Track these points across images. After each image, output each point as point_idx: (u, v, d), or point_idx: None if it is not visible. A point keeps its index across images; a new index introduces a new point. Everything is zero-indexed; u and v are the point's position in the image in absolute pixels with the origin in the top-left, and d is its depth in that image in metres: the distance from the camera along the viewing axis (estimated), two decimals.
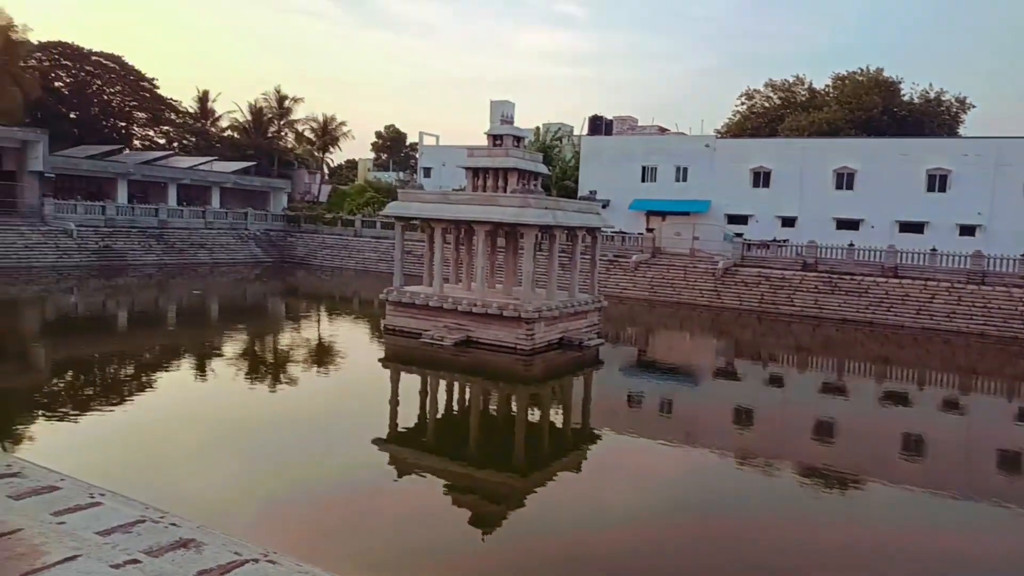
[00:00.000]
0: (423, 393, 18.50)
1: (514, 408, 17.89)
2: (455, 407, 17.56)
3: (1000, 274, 33.05)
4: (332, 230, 53.62)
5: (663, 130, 60.09)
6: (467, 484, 12.07)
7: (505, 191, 23.43)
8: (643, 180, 49.03)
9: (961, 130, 58.25)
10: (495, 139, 24.41)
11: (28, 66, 57.91)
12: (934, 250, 35.51)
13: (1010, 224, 38.25)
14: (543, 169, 25.98)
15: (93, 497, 6.28)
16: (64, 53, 66.76)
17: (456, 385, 19.49)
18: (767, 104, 65.81)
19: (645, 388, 21.22)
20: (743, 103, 67.05)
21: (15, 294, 31.43)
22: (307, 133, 76.14)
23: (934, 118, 57.85)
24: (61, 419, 14.38)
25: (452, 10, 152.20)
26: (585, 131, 59.17)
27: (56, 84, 65.02)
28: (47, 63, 64.47)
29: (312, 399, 17.46)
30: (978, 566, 10.09)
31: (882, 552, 10.09)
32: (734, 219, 45.37)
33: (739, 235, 42.09)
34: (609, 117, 61.80)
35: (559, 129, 60.53)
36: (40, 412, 14.76)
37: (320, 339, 26.55)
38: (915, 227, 40.72)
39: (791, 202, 44.25)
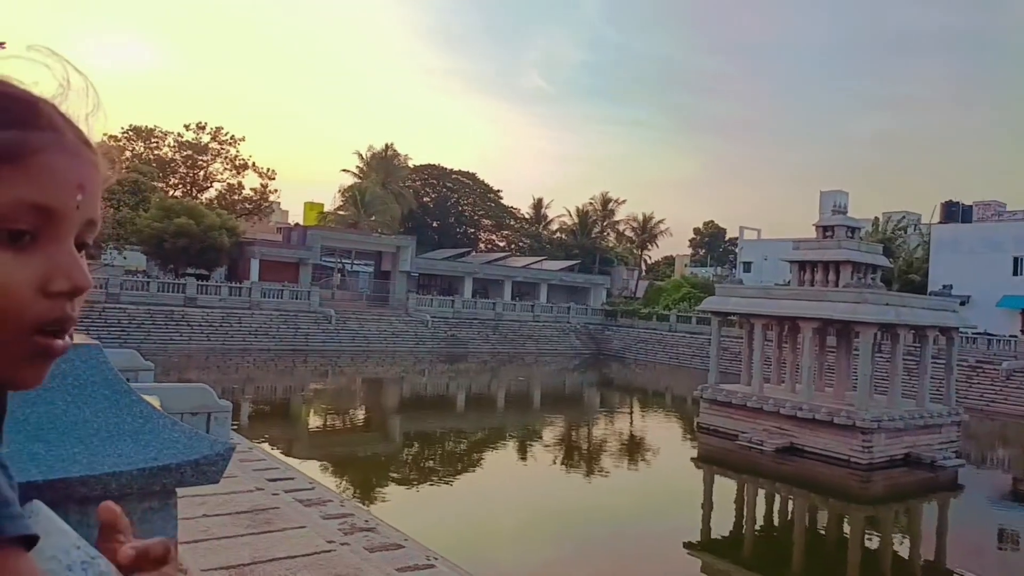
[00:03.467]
0: (739, 500, 17.26)
1: (847, 529, 15.74)
2: (775, 519, 16.05)
3: None
4: (647, 324, 54.34)
5: None
6: None
7: (836, 286, 21.58)
8: (1016, 273, 41.41)
9: None
10: (825, 230, 22.85)
11: (405, 186, 70.49)
12: None
13: None
14: (883, 261, 23.49)
15: (429, 560, 6.95)
16: (431, 173, 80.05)
17: (777, 496, 17.85)
18: None
19: (1022, 523, 17.16)
20: None
21: (381, 373, 37.21)
22: (627, 232, 79.66)
23: None
24: (406, 485, 16.36)
25: (773, 104, 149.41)
26: (936, 219, 52.40)
27: (424, 199, 77.91)
28: (419, 182, 77.78)
29: (624, 493, 17.39)
30: None
31: None
32: None
33: None
34: (968, 203, 54.04)
35: (903, 218, 54.56)
36: (391, 476, 16.99)
37: (632, 433, 26.61)
38: None
39: None
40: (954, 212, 52.07)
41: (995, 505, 18.91)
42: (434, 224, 78.51)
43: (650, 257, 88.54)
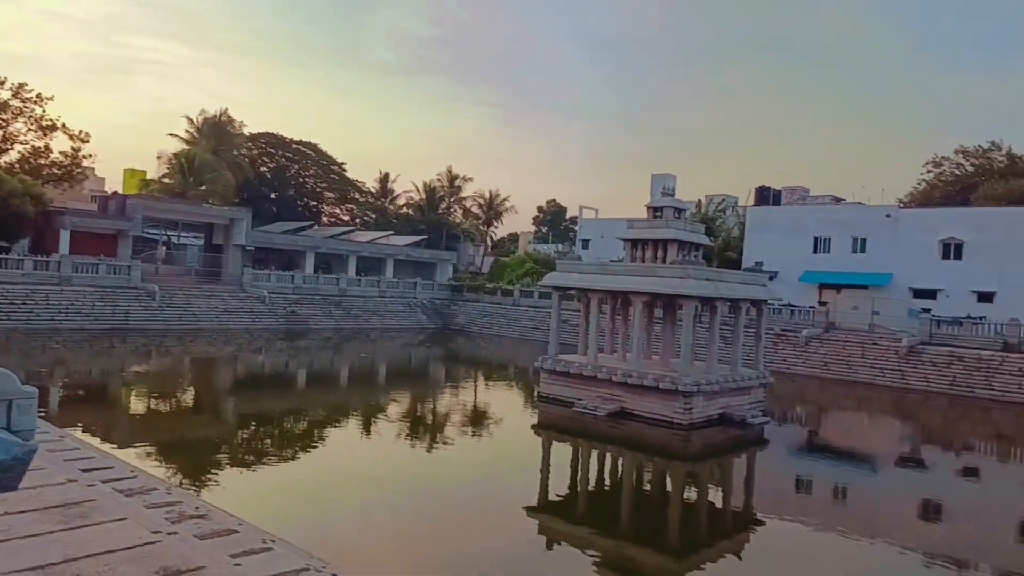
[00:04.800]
0: (575, 463, 18.26)
1: (670, 484, 17.15)
2: (607, 479, 17.14)
3: None
4: (492, 299, 55.40)
5: (837, 200, 56.95)
6: (619, 560, 11.63)
7: (664, 262, 23.18)
8: (815, 251, 46.49)
9: None
10: (655, 211, 24.38)
11: (240, 154, 66.37)
12: None
13: None
14: (705, 240, 25.46)
15: (266, 543, 6.78)
16: (270, 142, 75.95)
17: (609, 456, 19.08)
18: (958, 172, 60.65)
19: (816, 472, 19.54)
20: (929, 171, 62.33)
21: (212, 353, 35.17)
22: (474, 209, 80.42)
23: None
24: (241, 468, 15.69)
25: (617, 93, 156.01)
26: (751, 202, 57.46)
27: (261, 169, 73.80)
28: (255, 151, 73.53)
29: (466, 462, 17.79)
30: None
31: None
32: (920, 293, 41.55)
33: (926, 310, 38.42)
34: (778, 187, 59.75)
35: (723, 201, 59.31)
36: (224, 460, 16.22)
37: (476, 404, 27.17)
38: None
39: (988, 276, 39.89)
40: (766, 196, 57.43)
41: (794, 456, 21.35)
42: (272, 196, 74.76)
43: (496, 233, 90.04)
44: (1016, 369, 31.56)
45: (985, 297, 39.73)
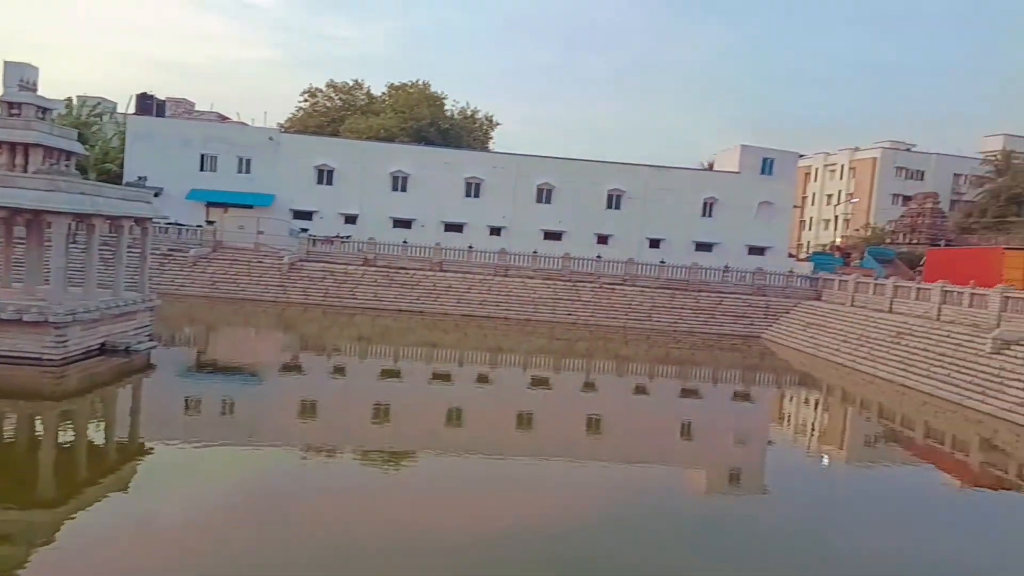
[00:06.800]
0: None
1: (40, 430, 15.14)
2: None
3: (518, 268, 39.93)
4: None
5: (223, 118, 57.09)
6: None
7: (25, 170, 19.55)
8: (202, 169, 45.80)
9: (491, 145, 68.22)
10: (11, 107, 20.19)
11: None
12: (471, 248, 41.08)
13: (526, 226, 46.25)
14: (78, 148, 22.44)
15: None
16: None
17: None
18: (329, 104, 67.53)
19: (206, 391, 19.98)
20: (306, 100, 67.66)
21: None
22: None
23: (471, 132, 66.57)
24: None
25: None
26: (132, 110, 52.76)
27: None
28: None
29: None
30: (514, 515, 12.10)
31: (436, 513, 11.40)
32: (300, 214, 45.54)
33: (305, 230, 42.48)
34: (161, 97, 56.22)
35: (99, 104, 52.85)
36: None
37: None
38: (457, 227, 46.32)
39: (353, 200, 46.30)
40: (148, 105, 53.56)
41: (183, 378, 21.30)
42: None
43: None
44: (372, 280, 37.98)
45: (351, 219, 46.10)
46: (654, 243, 46.44)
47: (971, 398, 22.15)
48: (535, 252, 41.25)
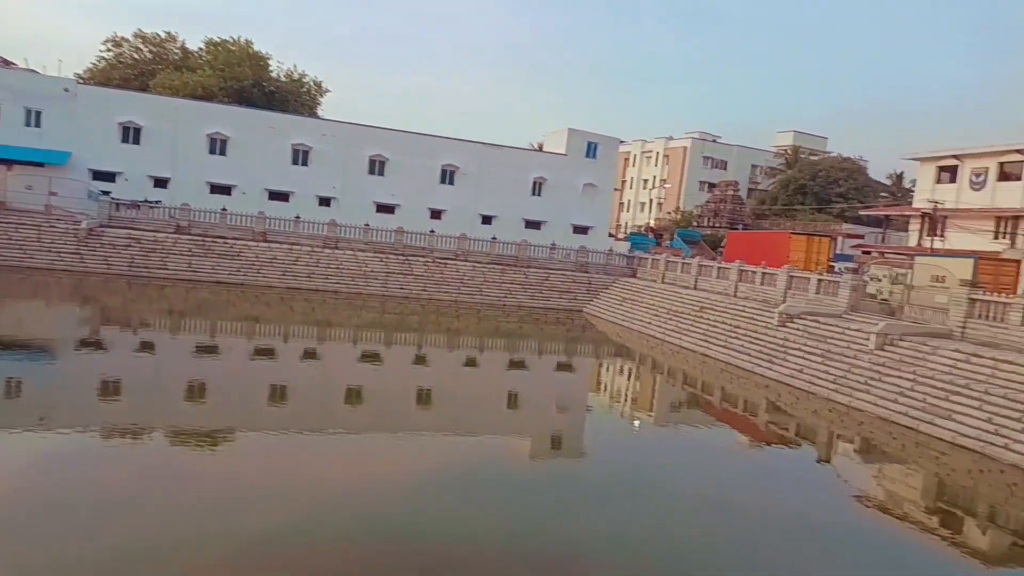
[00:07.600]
0: None
1: None
2: None
3: (349, 240, 38.96)
4: None
5: (8, 63, 49.81)
6: None
7: None
8: None
9: (319, 111, 65.40)
10: None
11: None
12: (298, 218, 39.39)
13: (357, 198, 45.03)
14: None
15: None
16: None
17: None
18: (137, 56, 61.31)
19: None
20: (110, 50, 60.91)
21: None
22: None
23: (298, 97, 63.36)
24: None
25: None
26: None
27: None
28: None
29: None
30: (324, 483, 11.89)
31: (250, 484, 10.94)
32: (100, 175, 41.04)
33: (106, 193, 38.52)
34: None
35: None
36: None
37: None
38: (282, 196, 44.07)
39: (164, 162, 42.53)
40: None
41: None
42: None
43: None
44: (186, 249, 35.29)
45: (161, 183, 42.33)
46: (486, 219, 47.13)
47: (760, 365, 24.90)
48: (367, 225, 40.37)
